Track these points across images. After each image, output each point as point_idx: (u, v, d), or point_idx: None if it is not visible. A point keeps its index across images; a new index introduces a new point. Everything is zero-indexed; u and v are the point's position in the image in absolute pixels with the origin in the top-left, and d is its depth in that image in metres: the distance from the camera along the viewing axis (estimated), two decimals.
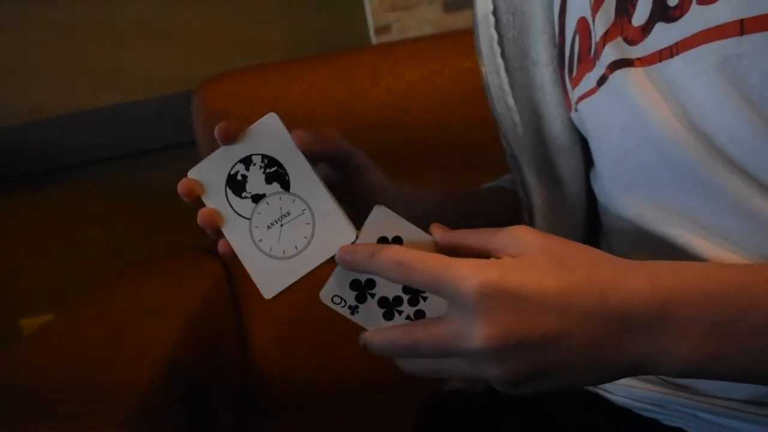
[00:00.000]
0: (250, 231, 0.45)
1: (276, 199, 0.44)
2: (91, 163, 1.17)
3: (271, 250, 0.44)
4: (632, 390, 0.47)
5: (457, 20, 1.11)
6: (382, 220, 0.41)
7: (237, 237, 0.45)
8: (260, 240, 0.44)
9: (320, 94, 0.99)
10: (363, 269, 0.40)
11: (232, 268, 0.96)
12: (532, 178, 0.54)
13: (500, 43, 0.55)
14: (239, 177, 0.44)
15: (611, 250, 0.50)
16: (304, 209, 0.44)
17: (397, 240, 0.41)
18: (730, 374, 0.35)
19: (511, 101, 0.54)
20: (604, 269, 0.36)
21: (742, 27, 0.36)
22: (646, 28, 0.41)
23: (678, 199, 0.41)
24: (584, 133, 0.52)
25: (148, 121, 1.15)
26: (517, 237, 0.38)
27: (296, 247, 0.44)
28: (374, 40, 1.12)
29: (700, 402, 0.43)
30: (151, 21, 1.13)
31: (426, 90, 0.98)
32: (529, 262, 0.36)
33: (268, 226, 0.44)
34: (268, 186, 0.44)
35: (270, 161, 0.44)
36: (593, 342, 0.35)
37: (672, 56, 0.40)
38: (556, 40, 0.53)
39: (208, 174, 0.45)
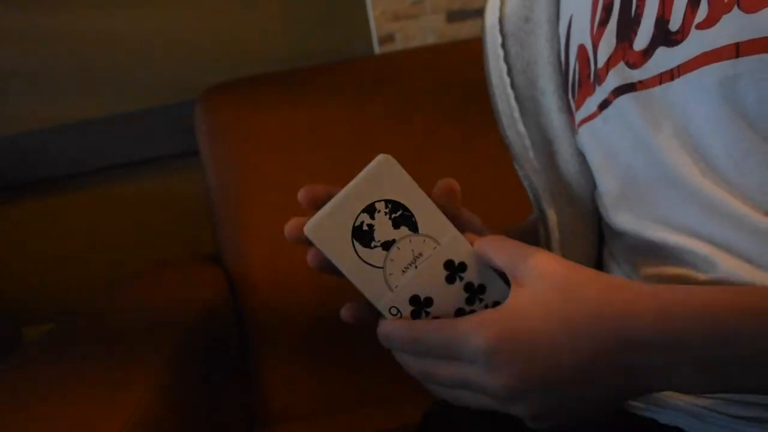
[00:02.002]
0: (386, 279, 0.43)
1: (406, 243, 0.43)
2: (94, 172, 1.18)
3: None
4: None
5: (460, 30, 1.12)
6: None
7: (372, 288, 0.43)
8: (396, 286, 0.43)
9: (323, 103, 0.99)
10: (387, 347, 0.43)
11: (234, 276, 0.96)
12: (546, 198, 0.55)
13: (509, 73, 0.56)
14: (365, 227, 0.43)
15: (617, 264, 0.51)
16: (436, 247, 0.43)
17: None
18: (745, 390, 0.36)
19: (521, 128, 0.56)
20: (614, 301, 0.37)
21: (737, 50, 0.37)
22: (648, 52, 0.43)
23: (684, 217, 0.42)
24: (585, 154, 0.54)
25: (151, 129, 1.16)
26: (534, 269, 0.39)
27: None
28: (377, 49, 1.12)
29: (696, 401, 0.44)
30: (154, 30, 1.14)
31: (429, 99, 0.98)
32: (537, 300, 0.38)
33: (403, 271, 0.43)
34: (397, 231, 0.43)
35: (394, 205, 0.43)
36: (607, 375, 0.37)
37: (672, 79, 0.41)
38: (562, 66, 0.55)
39: (328, 230, 0.43)
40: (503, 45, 0.56)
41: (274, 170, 0.98)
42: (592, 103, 0.49)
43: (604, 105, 0.47)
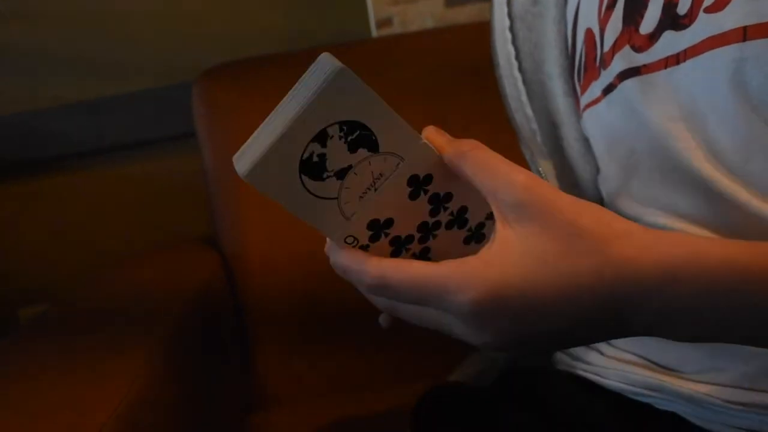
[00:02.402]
0: (341, 209, 0.37)
1: (365, 166, 0.36)
2: (90, 154, 1.17)
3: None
4: (627, 375, 0.48)
5: (458, 14, 1.11)
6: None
7: (325, 222, 0.37)
8: (354, 213, 0.37)
9: None
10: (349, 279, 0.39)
11: (231, 259, 0.96)
12: (552, 182, 0.55)
13: (517, 57, 0.56)
14: (315, 158, 0.35)
15: None
16: (399, 164, 0.37)
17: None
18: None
19: (529, 111, 0.56)
20: (616, 259, 0.33)
21: (745, 34, 0.36)
22: (654, 36, 0.42)
23: (686, 202, 0.42)
24: (589, 138, 0.54)
25: (149, 111, 1.15)
26: (523, 207, 0.34)
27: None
28: (375, 33, 1.12)
29: (691, 386, 0.44)
30: (152, 11, 1.13)
31: (426, 84, 0.98)
32: (530, 251, 0.34)
33: (360, 196, 0.37)
34: (353, 155, 0.36)
35: (351, 126, 0.35)
36: (596, 331, 0.35)
37: (678, 63, 0.41)
38: (569, 51, 0.55)
39: (271, 170, 0.35)
40: (511, 28, 0.56)
41: None
42: (596, 88, 0.49)
43: (608, 89, 0.47)
